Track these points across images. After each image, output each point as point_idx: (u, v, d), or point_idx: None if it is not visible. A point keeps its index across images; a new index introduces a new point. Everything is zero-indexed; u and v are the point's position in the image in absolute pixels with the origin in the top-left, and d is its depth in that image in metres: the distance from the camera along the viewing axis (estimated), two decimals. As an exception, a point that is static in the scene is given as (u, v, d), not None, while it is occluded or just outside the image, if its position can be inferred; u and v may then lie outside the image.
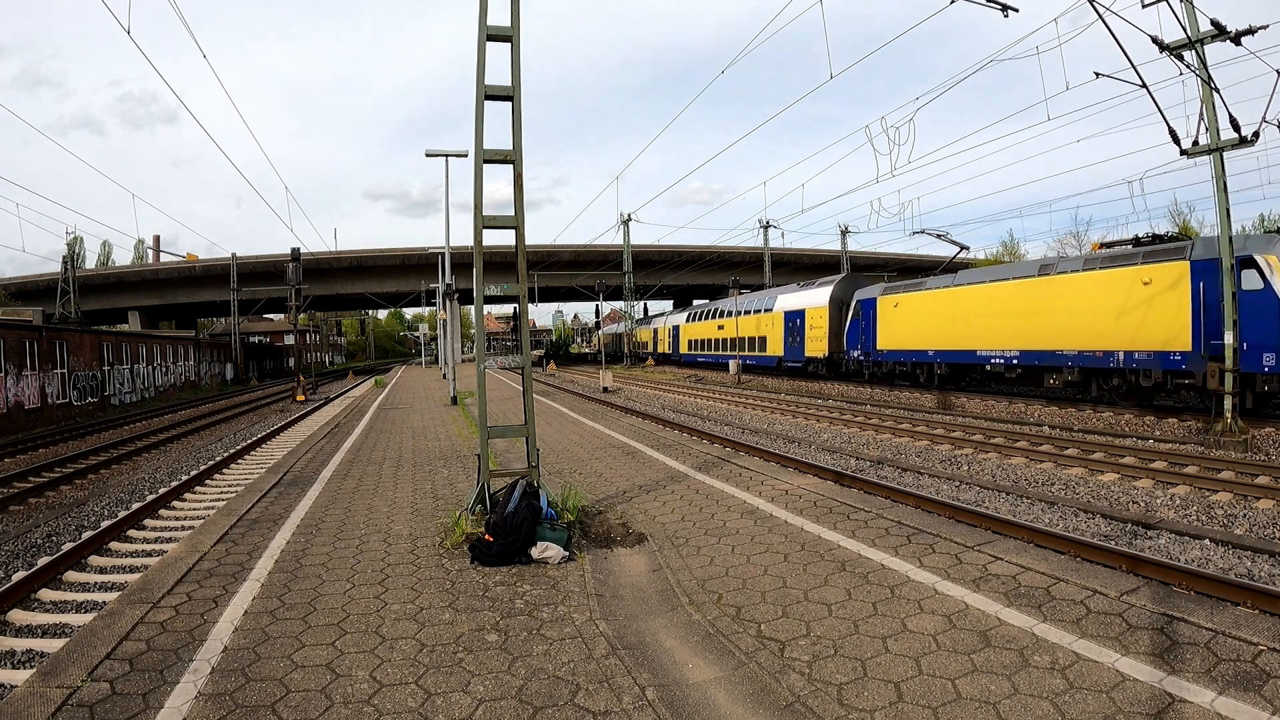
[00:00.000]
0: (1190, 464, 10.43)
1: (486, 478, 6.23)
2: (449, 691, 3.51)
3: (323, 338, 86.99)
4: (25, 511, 10.01)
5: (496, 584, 5.03)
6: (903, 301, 23.90)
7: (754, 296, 38.95)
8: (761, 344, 35.45)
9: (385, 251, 54.45)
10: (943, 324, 21.80)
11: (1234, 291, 12.68)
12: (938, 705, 3.24)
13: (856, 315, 26.43)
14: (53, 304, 41.23)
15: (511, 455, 10.78)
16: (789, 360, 32.61)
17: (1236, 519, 7.66)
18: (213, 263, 50.16)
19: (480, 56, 6.02)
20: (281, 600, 4.74)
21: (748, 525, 6.36)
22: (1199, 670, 3.37)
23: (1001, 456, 11.79)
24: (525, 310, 6.78)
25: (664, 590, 4.97)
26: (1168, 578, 5.33)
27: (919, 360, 23.01)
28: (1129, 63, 11.21)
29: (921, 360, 22.89)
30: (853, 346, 26.65)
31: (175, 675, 3.66)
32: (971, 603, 4.34)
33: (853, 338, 26.68)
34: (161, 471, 13.08)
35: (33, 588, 6.44)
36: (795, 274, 53.20)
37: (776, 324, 33.86)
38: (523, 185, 6.22)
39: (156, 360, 33.59)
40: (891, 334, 24.32)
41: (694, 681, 3.64)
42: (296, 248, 29.78)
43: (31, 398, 21.65)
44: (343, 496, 8.04)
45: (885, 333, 24.62)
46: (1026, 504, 8.49)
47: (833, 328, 28.90)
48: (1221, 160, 12.57)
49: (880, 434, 14.75)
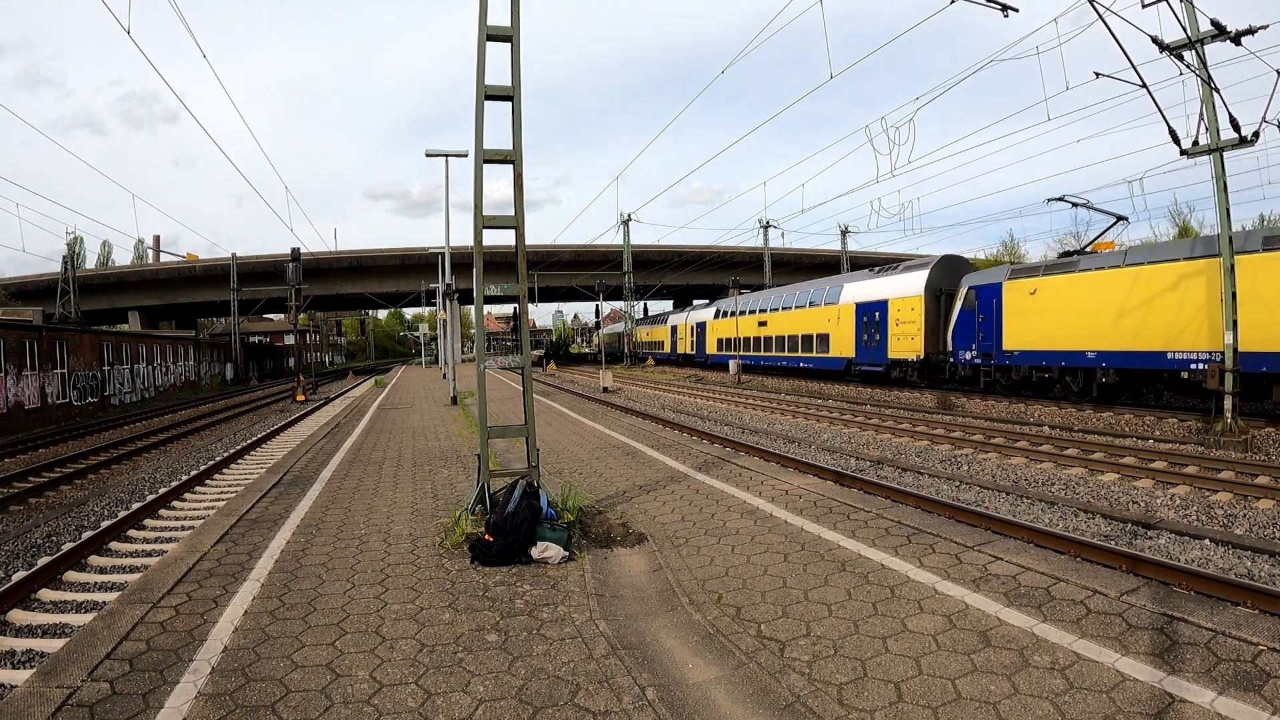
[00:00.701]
0: (1190, 464, 10.43)
1: (486, 478, 6.23)
2: (449, 691, 3.51)
3: (323, 338, 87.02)
4: (25, 511, 10.01)
5: (496, 584, 5.03)
6: (1045, 287, 18.44)
7: (805, 287, 32.78)
8: (822, 343, 29.12)
9: (385, 251, 54.47)
10: (1112, 315, 16.63)
11: (1233, 291, 12.69)
12: (938, 705, 3.24)
13: (969, 306, 20.93)
14: (53, 304, 41.24)
15: (511, 455, 10.78)
16: (863, 363, 26.32)
17: (1236, 519, 7.66)
18: (213, 263, 50.19)
19: (480, 56, 6.02)
20: (281, 600, 4.74)
21: (748, 525, 6.36)
22: (1199, 670, 3.37)
23: (1001, 456, 11.79)
24: (525, 310, 6.78)
25: (664, 590, 4.97)
26: (1168, 578, 5.33)
27: (1072, 364, 17.82)
28: (1129, 63, 11.22)
29: (1076, 364, 17.68)
30: (963, 346, 21.23)
31: (175, 675, 3.66)
32: (971, 603, 4.34)
33: (963, 335, 21.25)
34: (161, 471, 13.08)
35: (33, 588, 6.44)
36: (795, 274, 53.25)
37: (845, 319, 27.45)
38: (523, 185, 6.22)
39: (156, 360, 33.59)
40: (1026, 330, 18.97)
41: (694, 681, 3.64)
42: (296, 248, 29.80)
43: (31, 398, 21.65)
44: (343, 496, 8.04)
45: (1016, 328, 19.27)
46: (1026, 504, 8.49)
47: (929, 323, 22.95)
48: (1221, 160, 12.58)
49: (880, 434, 14.75)
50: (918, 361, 23.40)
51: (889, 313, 24.76)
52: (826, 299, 29.19)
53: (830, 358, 28.57)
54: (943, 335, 22.47)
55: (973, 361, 20.89)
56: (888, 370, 25.01)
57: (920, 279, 23.60)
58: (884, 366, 25.13)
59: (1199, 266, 14.99)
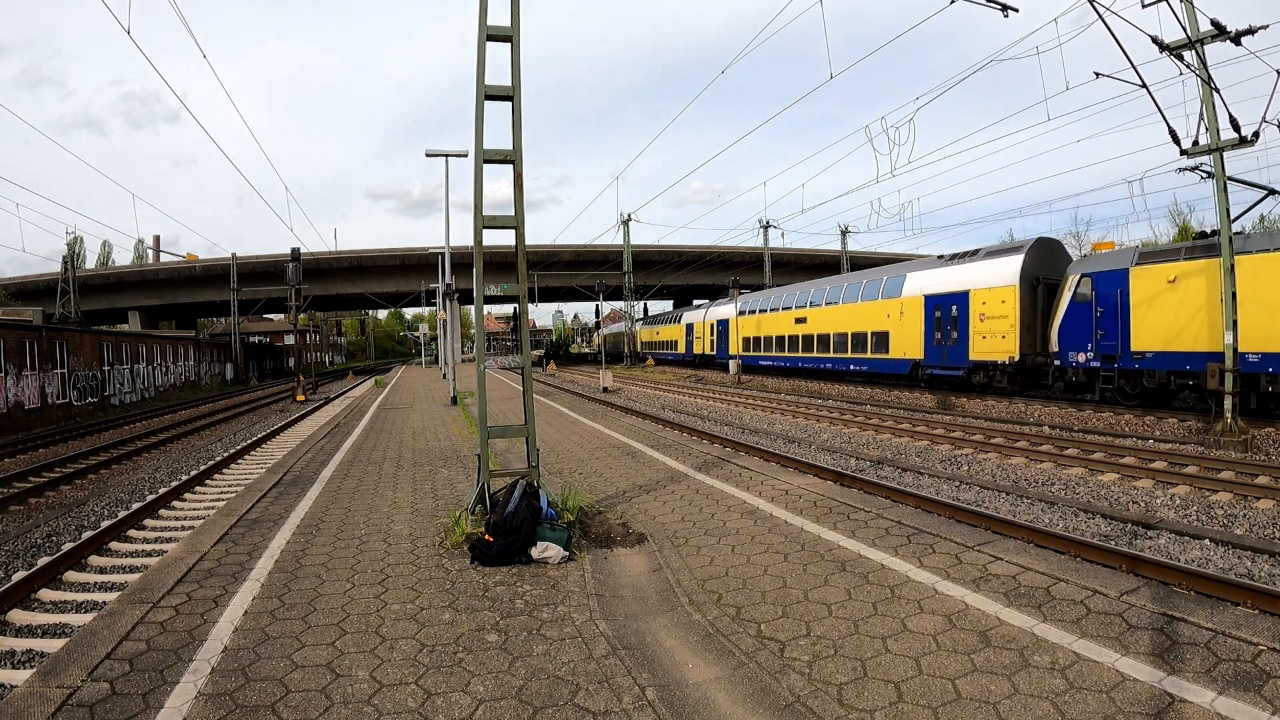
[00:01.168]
0: (1190, 464, 10.43)
1: (486, 478, 6.23)
2: (449, 691, 3.51)
3: (323, 338, 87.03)
4: (25, 511, 10.01)
5: (496, 584, 5.03)
6: (1190, 273, 15.02)
7: (854, 279, 28.62)
8: (879, 343, 24.98)
9: (385, 251, 54.48)
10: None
11: (1233, 291, 12.69)
12: (938, 705, 3.24)
13: (1083, 298, 17.24)
14: (53, 304, 41.25)
15: (511, 455, 10.78)
16: (935, 366, 22.22)
17: (1236, 519, 7.66)
18: (213, 263, 50.20)
19: (480, 56, 6.02)
20: (281, 600, 4.74)
21: (748, 525, 6.36)
22: (1199, 670, 3.37)
23: (1001, 456, 11.79)
24: (525, 310, 6.78)
25: (664, 590, 4.97)
26: (1168, 578, 5.33)
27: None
28: (1129, 63, 11.22)
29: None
30: (1075, 346, 17.56)
31: (175, 675, 3.66)
32: (971, 603, 4.34)
33: (1074, 332, 17.52)
34: (161, 471, 13.08)
35: (33, 588, 6.44)
36: (795, 274, 53.22)
37: (909, 314, 23.31)
38: (523, 185, 6.22)
39: (156, 360, 33.59)
40: (1162, 326, 15.57)
41: (694, 681, 3.64)
42: (296, 248, 29.81)
43: (31, 398, 21.65)
44: (343, 496, 8.04)
45: (1149, 324, 15.85)
46: (1026, 504, 8.49)
47: (1024, 318, 19.20)
48: (1221, 160, 12.58)
49: (880, 434, 14.75)
50: (1010, 364, 19.46)
51: (970, 306, 20.72)
52: (884, 292, 24.95)
53: (890, 359, 24.33)
54: (1042, 333, 18.87)
55: (1088, 365, 17.21)
56: (968, 374, 20.92)
57: (1013, 265, 19.58)
58: (965, 369, 20.93)
59: None
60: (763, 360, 34.33)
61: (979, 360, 20.46)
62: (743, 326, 37.35)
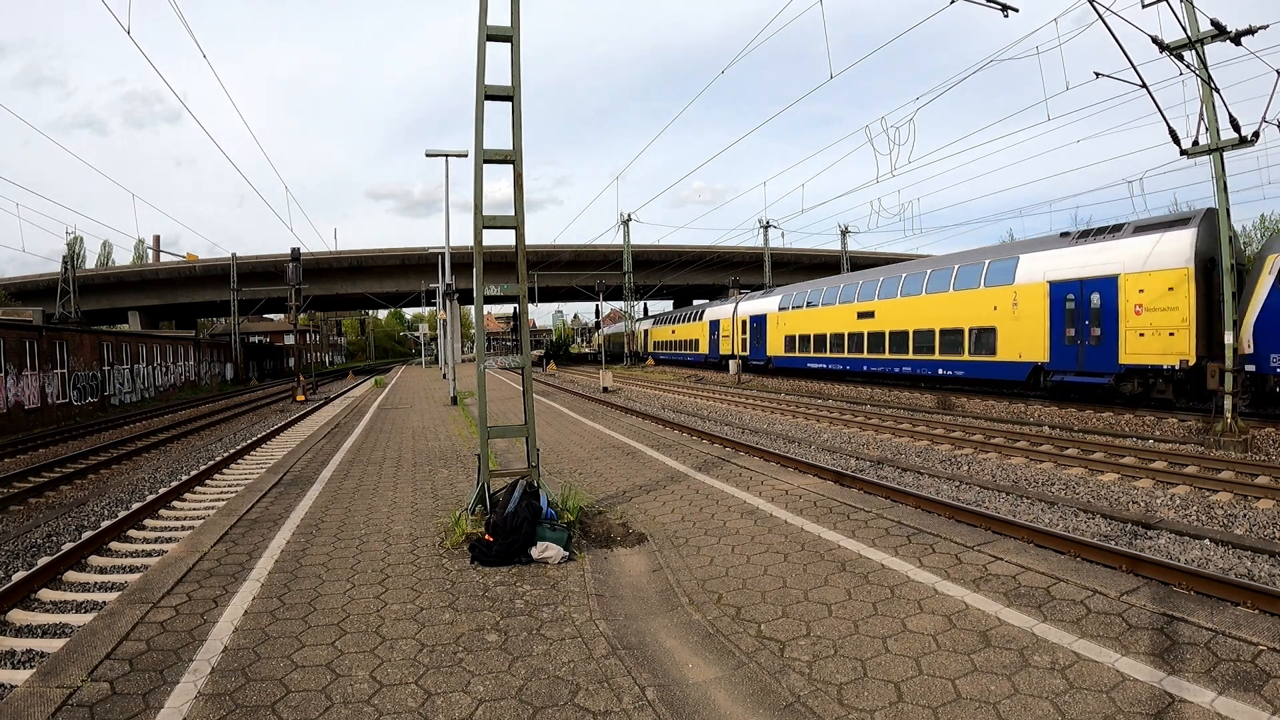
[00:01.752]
0: (1190, 464, 10.43)
1: (486, 478, 6.23)
2: (449, 691, 3.51)
3: (323, 338, 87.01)
4: (25, 511, 10.01)
5: (496, 584, 5.03)
6: None
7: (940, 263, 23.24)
8: (981, 341, 20.09)
9: (385, 251, 54.47)
10: None
11: (1234, 291, 12.69)
12: (938, 705, 3.24)
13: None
14: (53, 304, 41.25)
15: (511, 455, 10.78)
16: (1068, 370, 17.58)
17: (1236, 519, 7.66)
18: (213, 263, 50.19)
19: (480, 56, 6.02)
20: (281, 600, 4.74)
21: (748, 525, 6.36)
22: (1199, 670, 3.37)
23: (1001, 456, 11.79)
24: (525, 310, 6.78)
25: (664, 590, 4.97)
26: (1168, 578, 5.33)
27: None
28: (1129, 63, 11.21)
29: None
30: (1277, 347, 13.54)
31: (175, 675, 3.66)
32: (971, 603, 4.34)
33: (1277, 329, 13.41)
34: (161, 471, 13.08)
35: (33, 588, 6.44)
36: (795, 274, 53.22)
37: (1026, 304, 18.56)
38: (523, 185, 6.22)
39: (156, 360, 33.59)
40: None
41: (694, 681, 3.64)
42: (296, 248, 29.81)
43: (31, 398, 21.65)
44: (343, 496, 8.04)
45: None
46: (1026, 504, 8.49)
47: (1199, 312, 14.99)
48: (1221, 160, 12.58)
49: (880, 434, 14.75)
50: (1174, 371, 15.32)
51: (1120, 294, 16.24)
52: (987, 278, 20.08)
53: (997, 363, 19.51)
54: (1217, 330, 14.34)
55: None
56: (1118, 381, 16.51)
57: (1183, 242, 15.25)
58: (1112, 376, 16.54)
59: None
60: (812, 363, 28.95)
61: (1135, 364, 16.02)
62: (785, 323, 31.66)
